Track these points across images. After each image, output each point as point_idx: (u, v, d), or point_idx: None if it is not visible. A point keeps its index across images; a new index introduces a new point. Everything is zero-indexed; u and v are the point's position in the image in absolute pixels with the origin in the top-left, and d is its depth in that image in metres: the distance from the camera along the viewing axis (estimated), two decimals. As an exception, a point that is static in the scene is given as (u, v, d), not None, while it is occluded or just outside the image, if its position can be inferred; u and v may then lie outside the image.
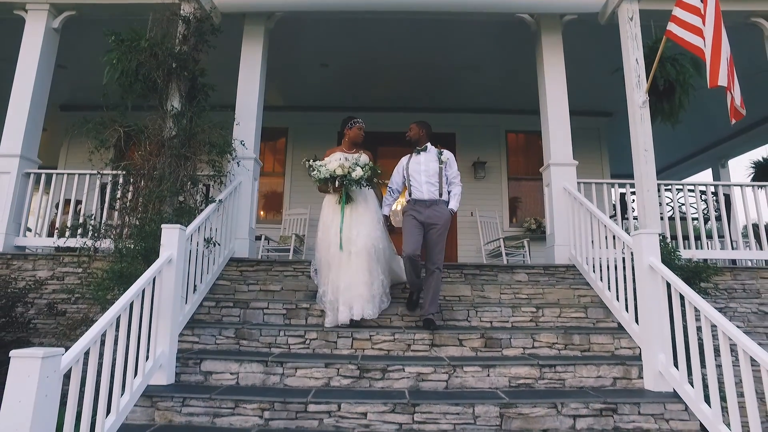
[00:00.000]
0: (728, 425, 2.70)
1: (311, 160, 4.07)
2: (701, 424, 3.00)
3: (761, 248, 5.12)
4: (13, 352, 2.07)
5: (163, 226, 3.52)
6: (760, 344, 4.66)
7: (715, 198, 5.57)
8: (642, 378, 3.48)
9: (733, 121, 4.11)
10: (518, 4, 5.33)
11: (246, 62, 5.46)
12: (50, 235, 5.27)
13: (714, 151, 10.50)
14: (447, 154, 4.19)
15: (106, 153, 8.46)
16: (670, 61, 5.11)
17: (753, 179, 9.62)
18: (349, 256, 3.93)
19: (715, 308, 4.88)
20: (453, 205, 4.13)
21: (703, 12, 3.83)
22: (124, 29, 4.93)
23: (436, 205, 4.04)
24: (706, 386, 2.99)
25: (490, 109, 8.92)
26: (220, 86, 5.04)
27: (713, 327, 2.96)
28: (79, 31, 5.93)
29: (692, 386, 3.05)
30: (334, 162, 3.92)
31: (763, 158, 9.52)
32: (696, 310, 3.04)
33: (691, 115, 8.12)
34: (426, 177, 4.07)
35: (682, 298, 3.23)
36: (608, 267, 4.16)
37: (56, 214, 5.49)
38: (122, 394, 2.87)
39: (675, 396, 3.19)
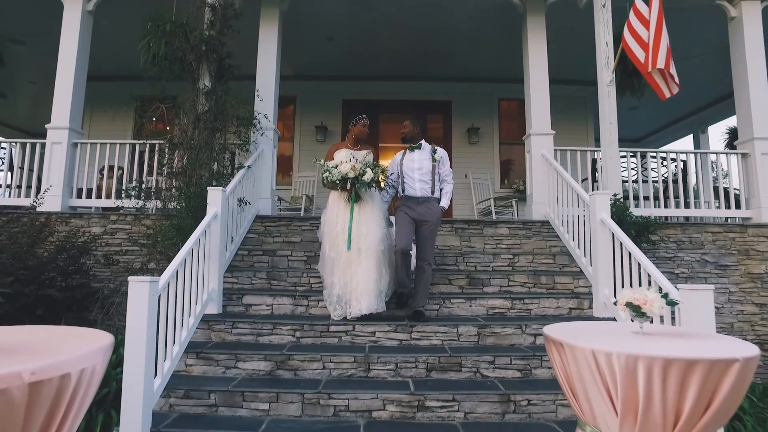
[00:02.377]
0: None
1: (322, 161, 4.17)
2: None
3: (709, 207, 5.98)
4: (130, 278, 2.95)
5: (208, 188, 4.36)
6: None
7: (674, 163, 6.37)
8: (591, 308, 4.40)
9: (668, 95, 4.83)
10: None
11: (264, 43, 6.14)
12: (98, 196, 6.11)
13: (695, 117, 11.19)
14: (441, 153, 4.29)
15: (128, 123, 9.19)
16: (640, 42, 5.78)
17: (727, 144, 10.39)
18: (359, 254, 4.00)
19: (666, 257, 5.81)
20: (444, 202, 4.25)
21: (648, 14, 4.49)
22: (149, 11, 5.58)
23: (428, 203, 4.18)
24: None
25: (484, 78, 9.56)
26: (239, 58, 5.73)
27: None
28: (106, 11, 6.54)
29: (625, 311, 3.96)
30: (346, 165, 3.96)
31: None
32: (630, 253, 3.90)
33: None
34: (419, 175, 4.19)
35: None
36: (574, 222, 5.02)
37: (101, 178, 6.30)
38: (189, 317, 3.78)
39: (614, 320, 4.11)
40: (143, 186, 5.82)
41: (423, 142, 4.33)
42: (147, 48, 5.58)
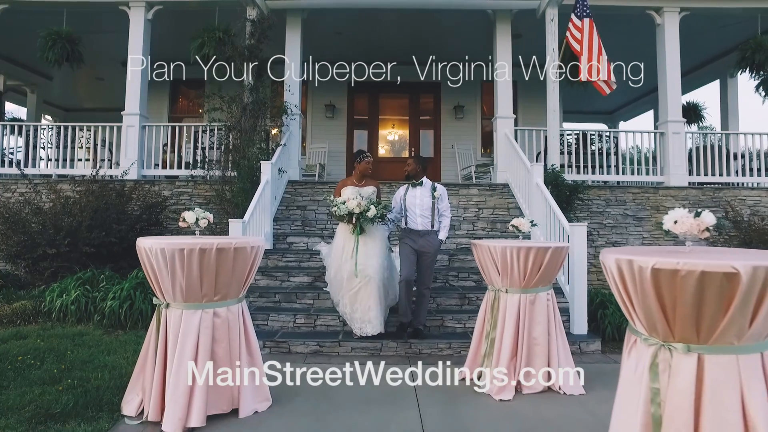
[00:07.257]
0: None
1: (332, 197, 4.69)
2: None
3: (633, 173, 7.83)
4: (231, 220, 4.82)
5: (261, 162, 6.19)
6: (620, 233, 7.48)
7: (608, 138, 8.19)
8: (530, 245, 6.30)
9: (608, 92, 6.54)
10: (479, 3, 7.62)
11: (289, 46, 7.82)
12: (164, 167, 7.93)
13: (653, 95, 12.85)
14: (440, 190, 4.65)
15: (163, 102, 10.87)
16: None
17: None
18: (362, 282, 4.45)
19: (597, 212, 7.71)
20: (442, 235, 4.63)
21: (581, 32, 6.18)
22: (193, 18, 7.23)
23: (428, 235, 4.56)
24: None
25: (469, 62, 11.17)
26: (269, 52, 7.44)
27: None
28: (159, 17, 8.15)
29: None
30: (352, 201, 4.39)
31: (686, 102, 11.99)
32: (551, 206, 5.77)
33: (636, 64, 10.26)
34: (420, 210, 4.55)
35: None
36: (523, 185, 6.86)
37: (165, 153, 8.08)
38: (255, 249, 5.67)
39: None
40: (197, 158, 7.62)
41: (424, 179, 4.69)
42: (198, 48, 7.26)
